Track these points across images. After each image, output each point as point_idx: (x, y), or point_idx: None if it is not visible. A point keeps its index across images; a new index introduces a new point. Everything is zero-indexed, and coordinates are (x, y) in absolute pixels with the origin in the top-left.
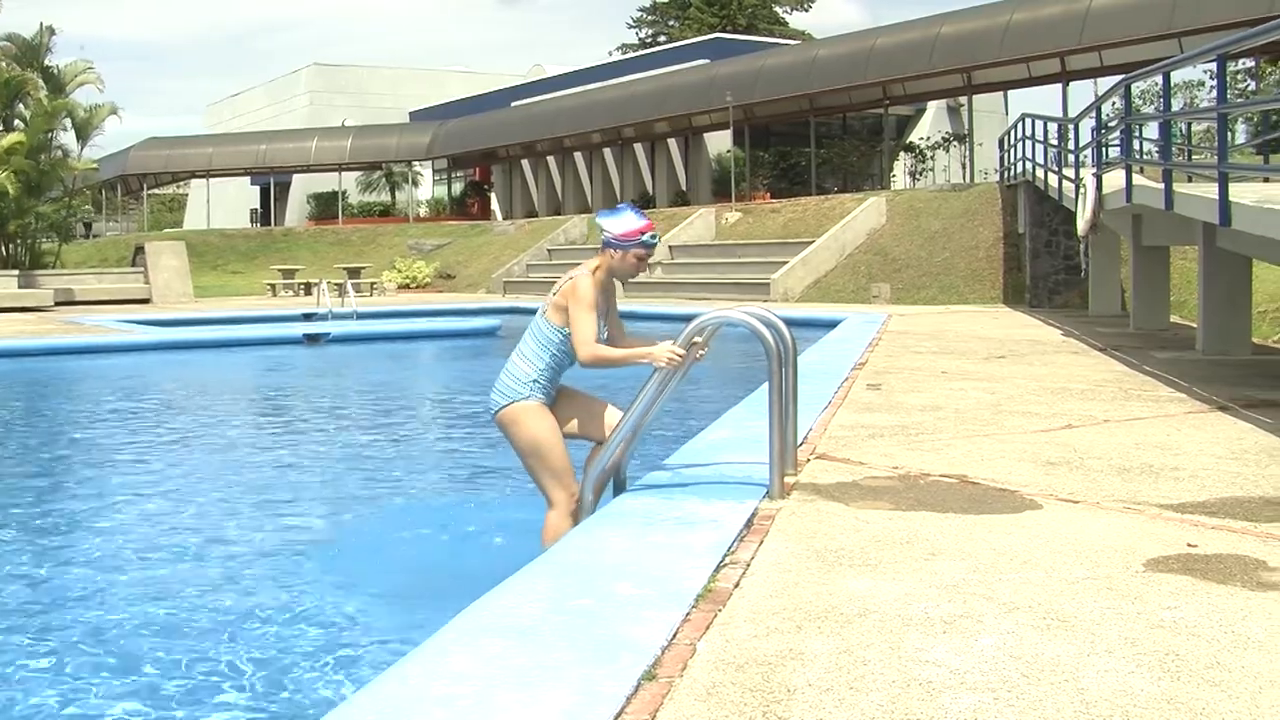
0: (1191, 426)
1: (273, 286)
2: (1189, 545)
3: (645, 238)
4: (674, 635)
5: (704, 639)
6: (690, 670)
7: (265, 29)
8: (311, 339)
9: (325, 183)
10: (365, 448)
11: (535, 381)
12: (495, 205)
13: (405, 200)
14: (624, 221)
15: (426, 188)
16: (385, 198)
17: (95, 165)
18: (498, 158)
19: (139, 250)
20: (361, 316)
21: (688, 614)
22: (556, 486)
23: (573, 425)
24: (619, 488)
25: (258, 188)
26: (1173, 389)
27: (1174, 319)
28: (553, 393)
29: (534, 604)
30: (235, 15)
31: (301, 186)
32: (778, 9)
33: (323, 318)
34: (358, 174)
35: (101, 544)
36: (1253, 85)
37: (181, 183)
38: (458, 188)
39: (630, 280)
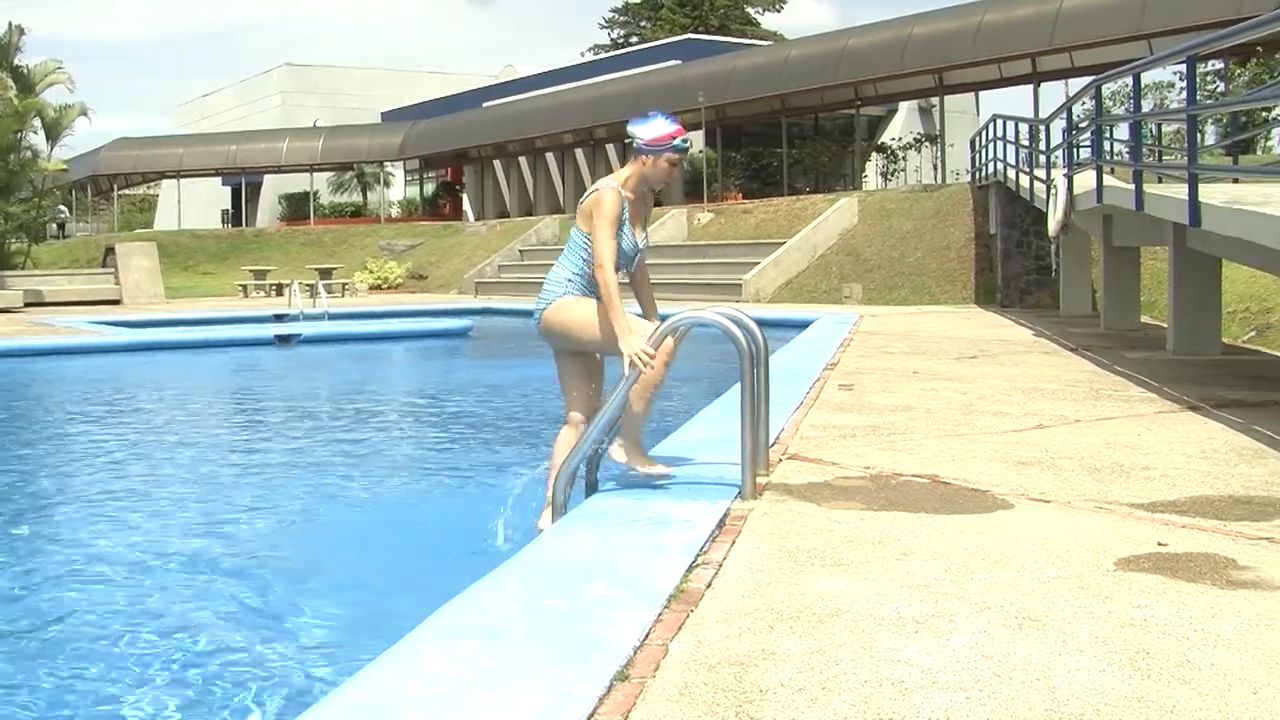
0: (1162, 426)
1: (244, 287)
2: (1159, 544)
3: (676, 142)
4: (646, 636)
5: (676, 639)
6: (663, 671)
7: (236, 29)
8: (283, 340)
9: (297, 183)
10: (335, 448)
11: (570, 280)
12: (467, 206)
13: (377, 201)
14: (655, 127)
15: (398, 188)
16: (357, 198)
17: (65, 166)
18: (469, 158)
19: (109, 251)
20: (333, 317)
21: (660, 614)
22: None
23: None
24: (591, 488)
25: (229, 188)
26: (1143, 389)
27: (1145, 319)
28: (592, 293)
29: (506, 604)
30: (206, 15)
31: (273, 187)
32: (749, 10)
33: (294, 319)
34: (329, 174)
35: (62, 546)
36: (1222, 87)
37: (152, 183)
38: (429, 188)
39: (661, 187)
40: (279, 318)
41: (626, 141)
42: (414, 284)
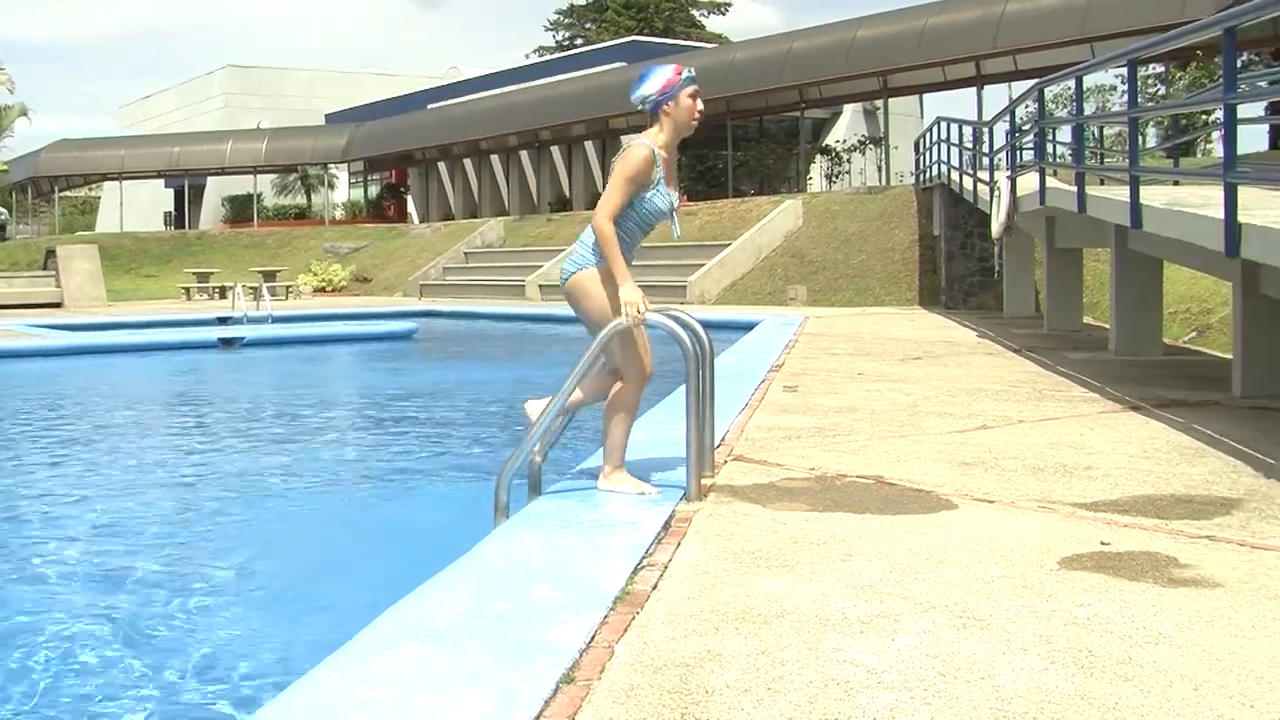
0: (1104, 426)
1: (187, 290)
2: (1102, 543)
3: (685, 74)
4: (592, 638)
5: (622, 641)
6: (608, 673)
7: (179, 30)
8: (226, 343)
9: (240, 185)
10: (279, 451)
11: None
12: (411, 208)
13: (321, 203)
14: (657, 77)
15: (342, 190)
16: (301, 200)
17: (5, 167)
18: (414, 160)
19: (50, 254)
20: (277, 320)
21: (605, 616)
22: (630, 359)
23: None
24: (535, 490)
25: (171, 190)
26: (1086, 389)
27: (1087, 320)
28: (628, 259)
29: (452, 607)
30: (149, 16)
31: (216, 189)
32: (695, 12)
33: (238, 321)
34: (273, 176)
35: None
36: (1163, 90)
37: (94, 185)
38: (374, 190)
39: (688, 134)
40: (223, 321)
41: (638, 108)
42: (358, 286)
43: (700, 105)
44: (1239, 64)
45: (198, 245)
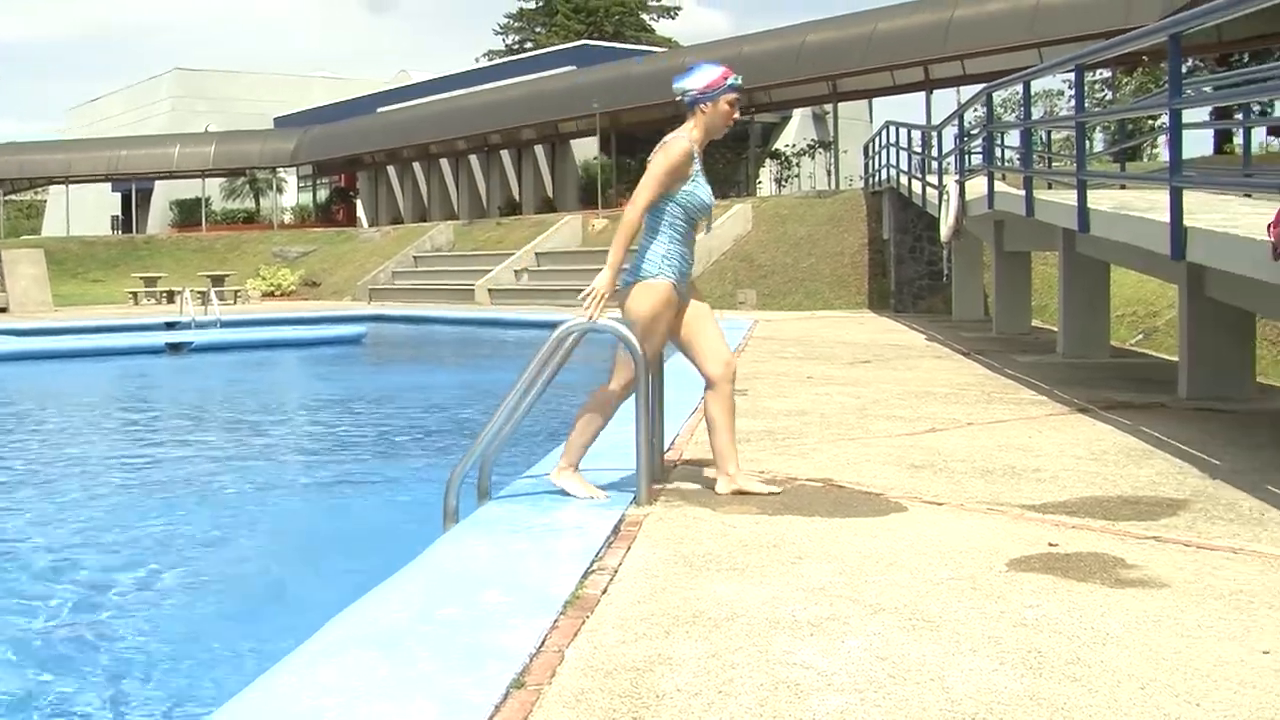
0: (1052, 428)
1: (135, 295)
2: (1050, 545)
3: (730, 81)
4: (542, 642)
5: (572, 646)
6: (559, 677)
7: (128, 33)
8: (174, 348)
9: (188, 189)
10: (225, 456)
11: (665, 258)
12: (361, 212)
13: (270, 207)
14: (703, 74)
15: (291, 194)
16: (249, 204)
17: None
18: (363, 164)
19: None
20: (225, 325)
21: (556, 621)
22: (623, 371)
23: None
24: (484, 495)
25: (119, 194)
26: (1034, 392)
27: (1035, 323)
28: (686, 270)
29: (401, 613)
30: (96, 18)
31: (164, 193)
32: (644, 16)
33: (186, 326)
34: (221, 180)
35: None
36: (1110, 95)
37: (40, 189)
38: (323, 194)
39: (717, 136)
40: (170, 325)
41: (678, 100)
42: (307, 291)
43: (737, 114)
44: (1184, 70)
45: (145, 249)
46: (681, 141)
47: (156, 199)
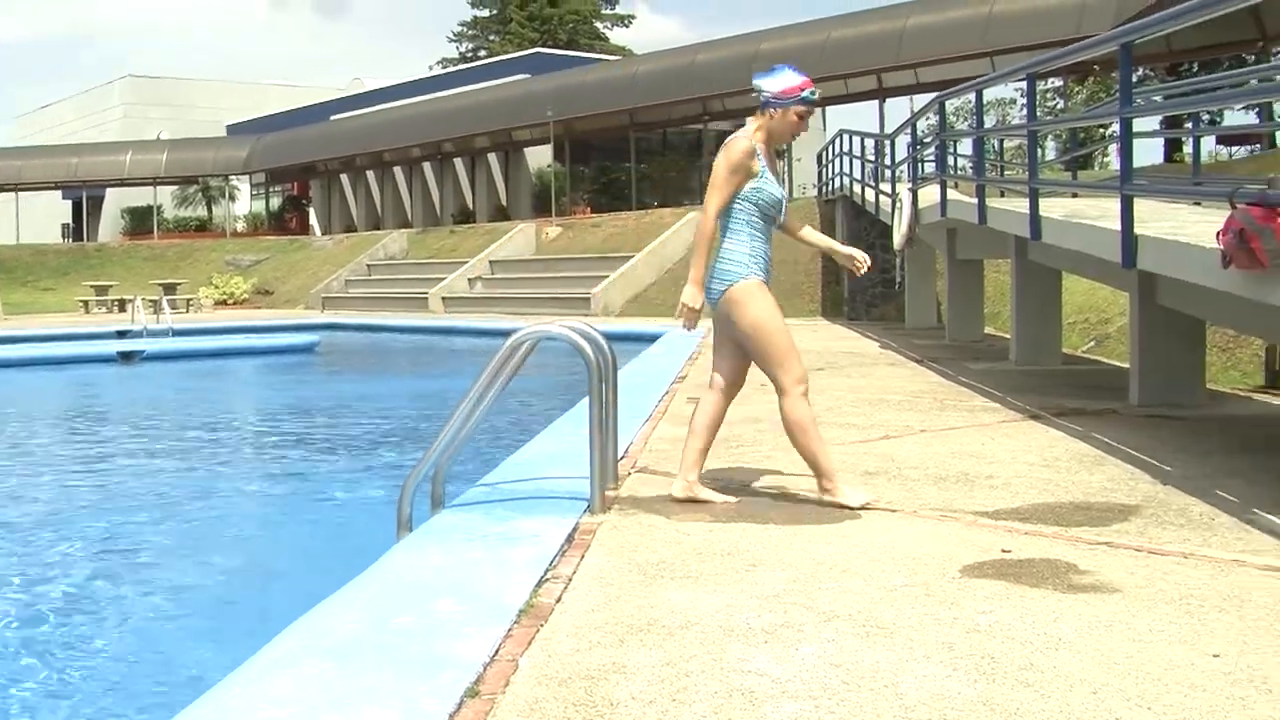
0: (1005, 435)
1: (86, 303)
2: (1003, 551)
3: (806, 94)
4: (496, 651)
5: (526, 654)
6: (513, 686)
7: (80, 39)
8: (126, 357)
9: (140, 197)
10: (176, 465)
11: (751, 256)
12: (314, 220)
13: (222, 215)
14: (782, 79)
15: (244, 202)
16: (202, 212)
17: None
18: (316, 172)
19: None
20: (177, 333)
21: (510, 630)
22: (782, 370)
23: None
24: (438, 504)
25: (70, 201)
26: (987, 399)
27: (988, 330)
28: (770, 269)
29: (354, 623)
30: (48, 23)
31: (115, 201)
32: (598, 25)
33: (137, 335)
34: (173, 188)
35: None
36: (1061, 104)
37: None
38: (276, 202)
39: (786, 144)
40: (122, 334)
41: (754, 95)
42: (260, 299)
43: (805, 127)
44: (1134, 79)
45: (97, 258)
46: (742, 140)
47: (108, 206)
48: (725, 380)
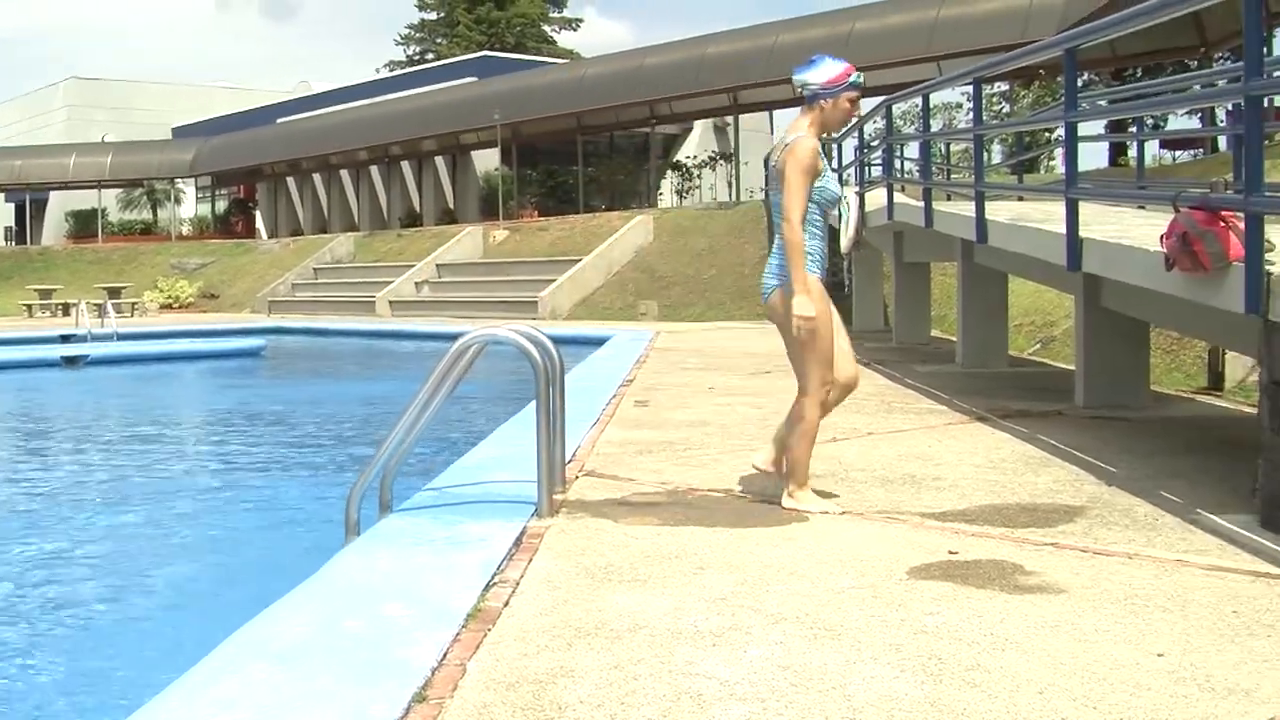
0: (951, 437)
1: (29, 307)
2: (950, 552)
3: (853, 79)
4: (444, 656)
5: (474, 659)
6: (461, 690)
7: (22, 40)
8: (70, 361)
9: (84, 200)
10: (120, 470)
11: (809, 255)
12: (260, 223)
13: (168, 218)
14: (826, 69)
15: (189, 205)
16: (147, 215)
17: None
18: (263, 175)
19: None
20: (122, 337)
21: (458, 634)
22: (814, 373)
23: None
24: (385, 508)
25: (12, 204)
26: (934, 401)
27: (935, 333)
28: (825, 265)
29: (302, 627)
30: None
31: (59, 204)
32: (546, 28)
33: (81, 339)
34: (118, 191)
35: None
36: (1007, 108)
37: None
38: (222, 205)
39: (835, 135)
40: (66, 338)
41: (799, 92)
42: (206, 303)
43: (858, 111)
44: (1080, 84)
45: (40, 261)
46: (806, 140)
47: (52, 209)
48: (833, 379)
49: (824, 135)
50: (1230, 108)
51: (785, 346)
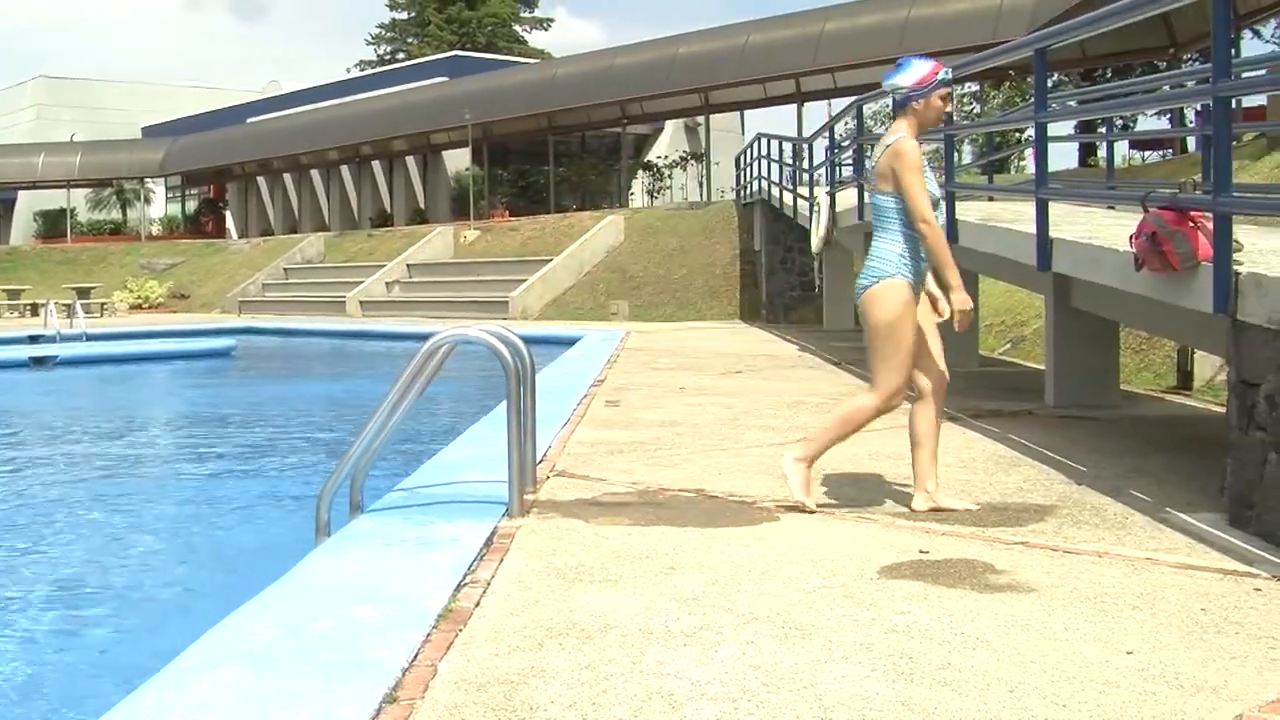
0: None
1: None
2: (921, 552)
3: (941, 75)
4: (415, 656)
5: (445, 659)
6: (432, 691)
7: None
8: (38, 362)
9: (53, 199)
10: (90, 471)
11: (902, 257)
12: (230, 223)
13: (137, 218)
14: (914, 71)
15: (159, 205)
16: (116, 215)
17: None
18: (233, 175)
19: None
20: (91, 338)
21: (429, 635)
22: (886, 377)
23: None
24: (356, 508)
25: None
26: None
27: None
28: (921, 271)
29: (273, 628)
30: None
31: (27, 203)
32: (517, 28)
33: (50, 339)
34: (87, 191)
35: None
36: (977, 108)
37: None
38: (192, 205)
39: (932, 129)
40: (34, 339)
41: (896, 98)
42: (176, 303)
43: (950, 107)
44: (1050, 84)
45: (8, 261)
46: (910, 140)
47: (20, 209)
48: (933, 380)
49: (922, 133)
50: (1199, 108)
51: (868, 345)
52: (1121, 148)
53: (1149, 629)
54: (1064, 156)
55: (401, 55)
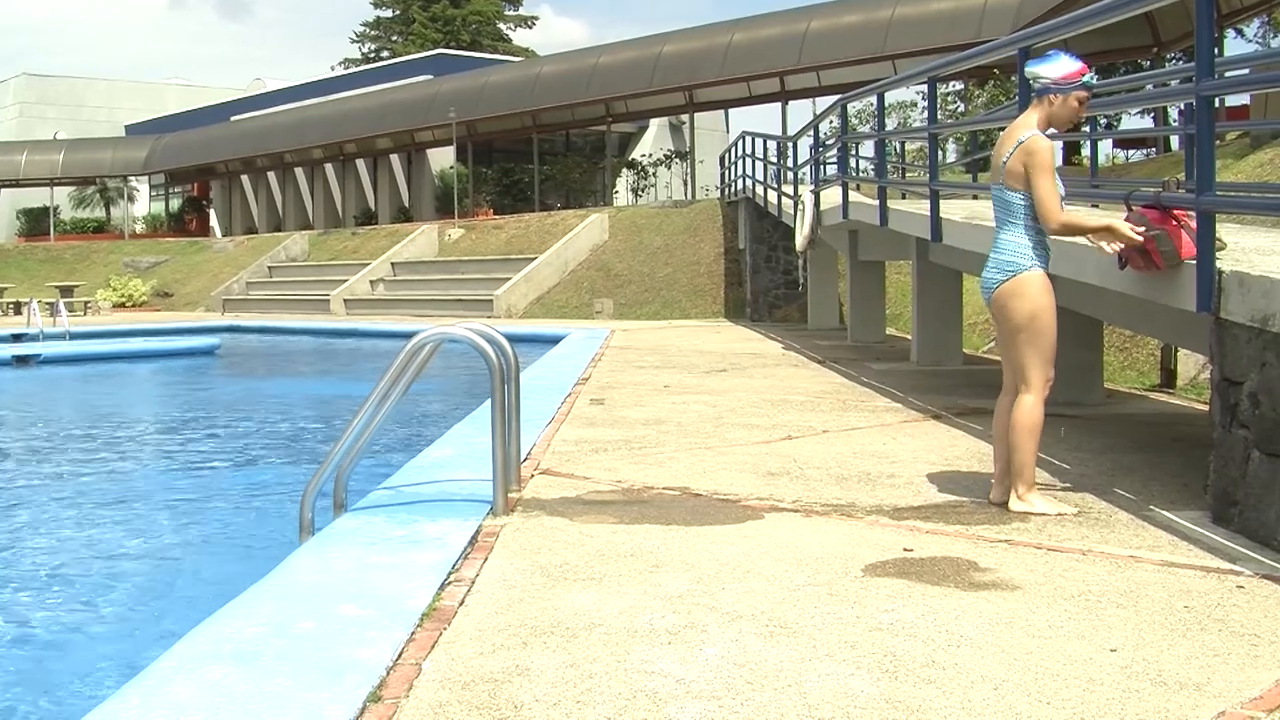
0: (906, 435)
1: None
2: (905, 549)
3: (1086, 79)
4: (399, 655)
5: (429, 658)
6: (416, 690)
7: None
8: (21, 360)
9: (36, 198)
10: (74, 470)
11: (1033, 248)
12: (214, 222)
13: (121, 216)
14: (1062, 64)
15: (143, 203)
16: (100, 213)
17: None
18: (217, 173)
19: None
20: (74, 336)
21: (413, 633)
22: (1038, 369)
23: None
24: (340, 507)
25: None
26: (889, 399)
27: (890, 331)
28: (1048, 259)
29: (256, 628)
30: None
31: (9, 202)
32: (501, 26)
33: (33, 338)
34: (70, 189)
35: None
36: (962, 107)
37: None
38: (175, 203)
39: (1061, 132)
40: (17, 338)
41: (1034, 86)
42: (160, 302)
43: (1085, 112)
44: None
45: None
46: (1040, 136)
47: (2, 207)
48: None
49: (1049, 128)
50: (1182, 107)
51: (1001, 343)
52: (1105, 146)
53: (1132, 626)
54: None
55: (386, 53)
